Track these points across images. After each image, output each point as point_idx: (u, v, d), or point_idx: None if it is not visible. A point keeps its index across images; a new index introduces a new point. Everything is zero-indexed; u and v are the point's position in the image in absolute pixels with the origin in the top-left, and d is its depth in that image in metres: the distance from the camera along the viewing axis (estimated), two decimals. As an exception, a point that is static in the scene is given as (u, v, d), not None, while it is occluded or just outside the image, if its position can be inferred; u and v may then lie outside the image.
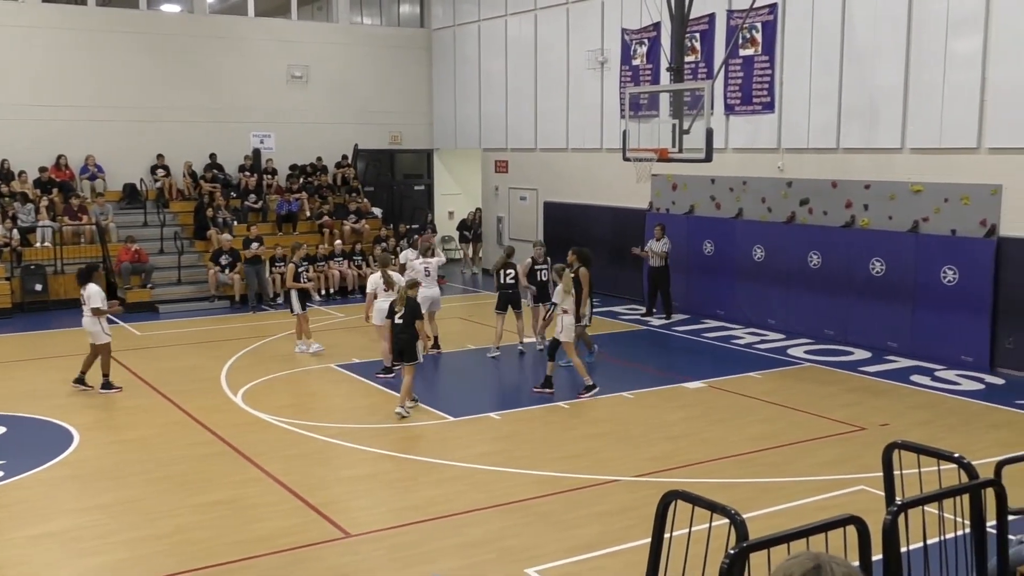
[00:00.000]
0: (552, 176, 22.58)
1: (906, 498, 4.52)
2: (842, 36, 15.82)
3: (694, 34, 17.76)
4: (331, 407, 12.66)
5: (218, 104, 23.87)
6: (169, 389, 13.25)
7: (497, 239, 24.73)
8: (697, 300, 18.61)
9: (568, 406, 12.32)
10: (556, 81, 22.08)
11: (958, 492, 4.73)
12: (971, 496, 4.80)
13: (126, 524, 8.46)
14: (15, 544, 8.11)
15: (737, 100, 17.51)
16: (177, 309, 19.77)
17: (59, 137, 22.06)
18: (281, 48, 24.61)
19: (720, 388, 13.13)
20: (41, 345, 16.73)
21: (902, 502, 4.43)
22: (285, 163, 24.72)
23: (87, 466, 10.08)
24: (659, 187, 19.47)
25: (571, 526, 8.28)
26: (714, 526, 4.20)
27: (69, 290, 19.93)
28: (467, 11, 25.04)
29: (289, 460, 10.15)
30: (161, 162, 23.19)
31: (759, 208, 17.46)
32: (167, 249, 21.39)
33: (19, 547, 8.05)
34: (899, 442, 5.26)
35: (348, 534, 8.16)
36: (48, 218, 20.73)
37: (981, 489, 4.81)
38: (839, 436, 10.90)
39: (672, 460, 10.05)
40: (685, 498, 4.33)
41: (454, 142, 26.23)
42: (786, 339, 16.34)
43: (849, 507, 7.24)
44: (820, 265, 16.35)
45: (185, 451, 10.54)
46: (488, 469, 9.81)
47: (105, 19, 22.82)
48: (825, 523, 4.05)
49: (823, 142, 16.31)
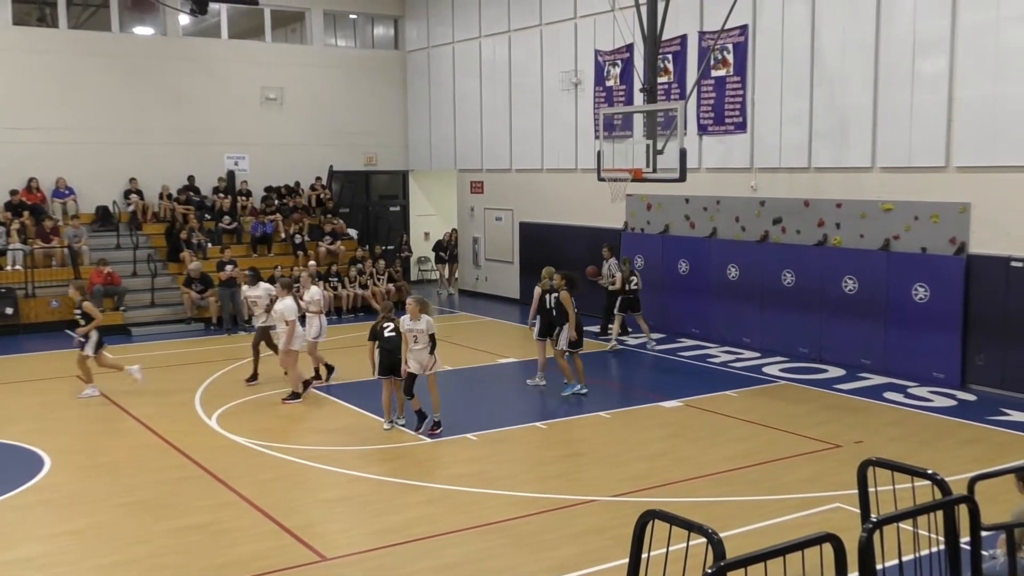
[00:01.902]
0: (527, 196, 22.61)
1: (881, 515, 4.55)
2: (812, 57, 15.95)
3: (667, 55, 17.85)
4: (307, 429, 12.54)
5: (192, 126, 23.77)
6: (142, 412, 13.10)
7: (473, 259, 24.73)
8: (673, 319, 18.63)
9: (546, 426, 12.28)
10: (531, 102, 22.13)
11: (932, 508, 4.75)
12: (945, 512, 4.85)
13: (97, 550, 8.33)
14: None
15: (710, 120, 17.62)
16: (150, 332, 19.59)
17: (30, 160, 21.88)
18: (255, 70, 24.57)
19: (696, 407, 13.13)
20: (11, 369, 16.47)
21: (877, 519, 4.46)
22: (260, 185, 24.63)
23: (58, 491, 9.92)
24: (634, 207, 19.52)
25: (549, 547, 8.23)
26: (691, 545, 4.22)
27: (40, 313, 19.84)
28: (441, 33, 25.10)
29: (264, 483, 10.05)
30: (134, 186, 23.05)
31: (733, 227, 17.53)
32: (140, 272, 21.20)
33: None
34: (873, 459, 5.28)
35: (324, 558, 8.08)
36: (19, 241, 20.50)
37: (955, 505, 4.85)
38: (814, 454, 10.89)
39: (649, 479, 10.03)
40: (663, 518, 4.33)
41: (429, 163, 26.23)
42: (761, 357, 16.38)
43: (825, 525, 7.25)
44: (793, 283, 16.44)
45: (158, 475, 10.40)
46: (465, 490, 9.75)
47: (77, 42, 22.70)
48: (801, 541, 4.07)
49: (795, 161, 16.40)
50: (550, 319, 13.88)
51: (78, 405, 13.75)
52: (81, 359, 14.11)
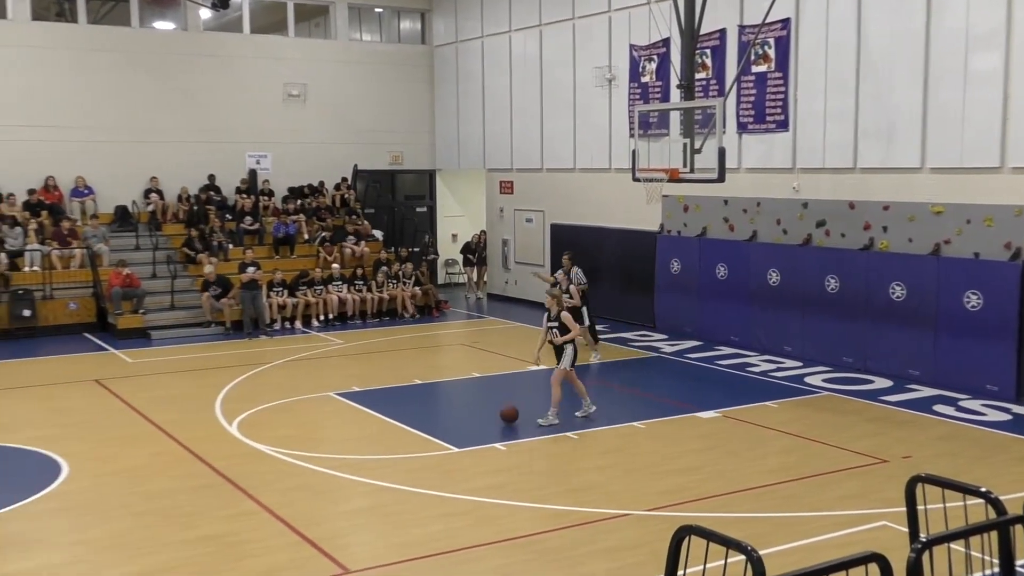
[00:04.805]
0: (559, 197, 22.25)
1: (931, 534, 4.40)
2: (858, 52, 15.54)
3: (705, 50, 17.48)
4: (330, 437, 12.38)
5: (212, 124, 23.49)
6: (161, 418, 12.92)
7: (503, 262, 24.38)
8: (710, 326, 18.22)
9: (576, 436, 11.98)
10: (562, 99, 21.80)
11: (986, 528, 4.67)
12: (999, 533, 4.71)
13: (113, 559, 8.23)
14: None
15: (750, 118, 17.19)
16: (170, 335, 19.29)
17: (48, 158, 21.64)
18: (277, 66, 24.28)
19: (735, 418, 12.79)
20: (29, 373, 16.33)
21: (927, 539, 4.33)
22: (282, 184, 24.36)
23: (75, 498, 9.89)
24: (670, 208, 19.12)
25: (579, 563, 8.02)
26: (730, 563, 4.02)
27: (58, 316, 19.67)
28: (470, 27, 24.77)
29: (285, 492, 9.90)
30: (155, 185, 22.80)
31: (774, 230, 17.10)
32: (159, 273, 20.93)
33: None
34: (923, 475, 5.13)
35: (347, 570, 7.90)
36: (37, 241, 20.29)
37: (1010, 525, 4.71)
38: (859, 468, 10.59)
39: (685, 493, 9.79)
40: (699, 533, 4.18)
41: (457, 162, 25.91)
42: (803, 367, 15.97)
43: (871, 543, 7.12)
44: (838, 289, 15.94)
45: (177, 483, 10.28)
46: (492, 502, 9.54)
47: (96, 37, 22.45)
48: (846, 560, 3.94)
49: (840, 162, 15.98)
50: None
51: (96, 410, 13.60)
52: None
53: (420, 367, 14.99)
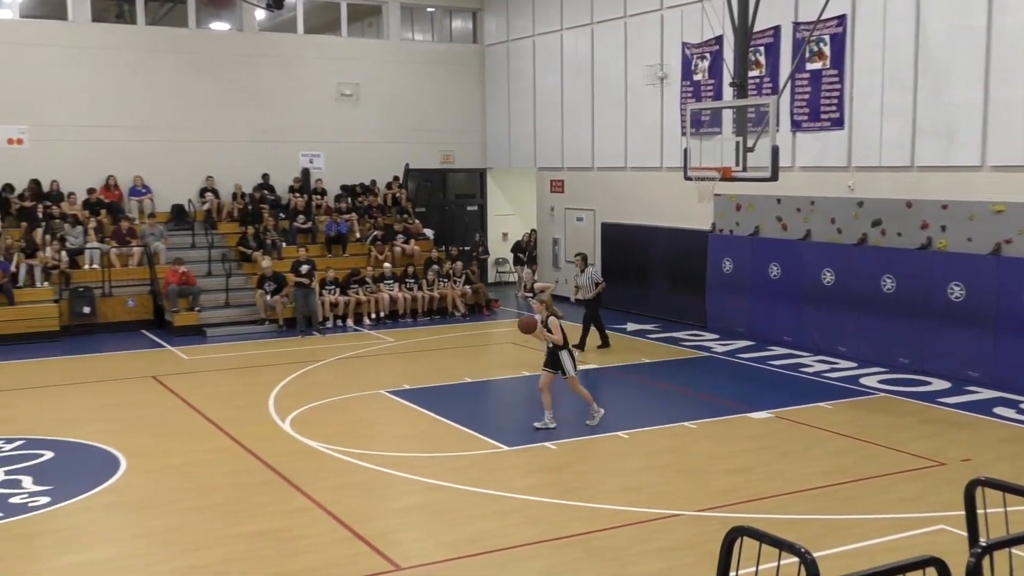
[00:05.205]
0: (610, 196, 22.13)
1: (991, 539, 4.21)
2: (916, 48, 15.24)
3: (758, 47, 17.26)
4: (381, 435, 12.39)
5: (267, 123, 23.72)
6: (216, 415, 13.06)
7: (553, 262, 24.31)
8: (762, 326, 18.01)
9: (627, 436, 11.89)
10: (614, 97, 21.67)
11: None
12: None
13: (170, 554, 8.33)
14: (58, 572, 8.06)
15: (804, 116, 16.95)
16: (224, 333, 19.50)
17: (108, 158, 22.01)
18: (331, 66, 24.44)
19: (788, 419, 12.61)
20: (88, 369, 16.60)
21: (987, 543, 4.13)
22: (335, 183, 24.52)
23: (133, 493, 10.03)
24: (722, 207, 18.92)
25: (630, 562, 7.97)
26: (783, 565, 3.90)
27: (117, 313, 20.00)
28: (521, 26, 24.74)
29: (338, 489, 9.96)
30: (211, 184, 23.09)
31: (828, 229, 16.85)
32: (215, 271, 21.18)
33: (62, 575, 8.02)
34: (982, 479, 4.92)
35: (398, 567, 7.92)
36: (97, 240, 20.66)
37: None
38: (916, 471, 10.40)
39: (737, 494, 9.68)
40: (752, 535, 4.02)
41: (508, 161, 25.90)
42: (858, 367, 15.71)
43: (928, 547, 6.84)
44: (894, 289, 15.66)
45: (231, 479, 10.40)
46: (543, 501, 9.50)
47: (154, 38, 22.79)
48: (903, 564, 3.79)
49: (896, 160, 15.69)
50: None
51: (153, 406, 13.79)
52: None
53: (470, 365, 15.00)
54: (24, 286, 19.36)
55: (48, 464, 10.93)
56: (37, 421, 12.83)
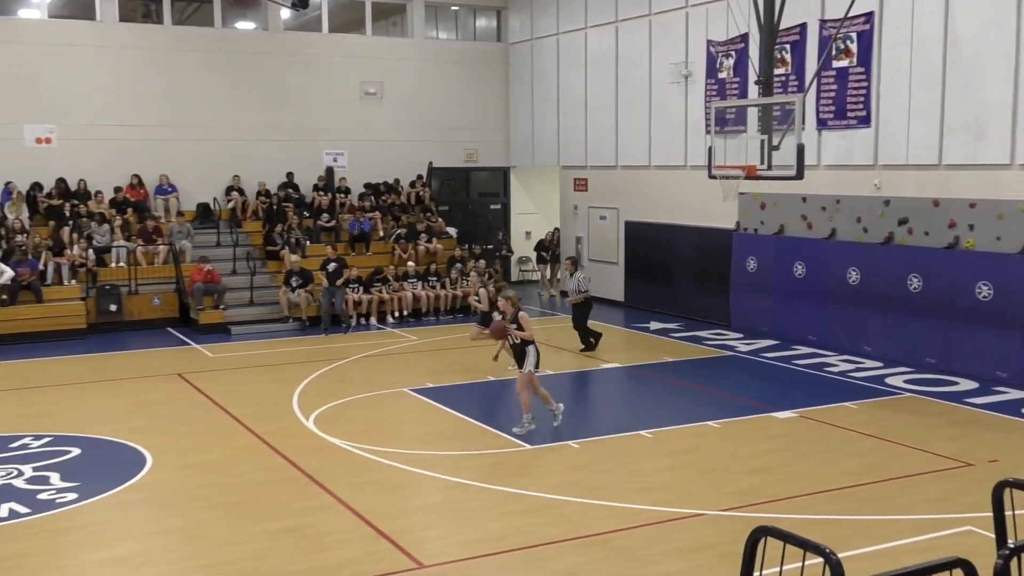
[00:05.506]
0: (634, 194, 22.04)
1: (1020, 541, 4.17)
2: (944, 46, 15.08)
3: (784, 45, 17.11)
4: (405, 433, 12.42)
5: (291, 122, 23.80)
6: (240, 412, 13.10)
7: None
8: (787, 325, 17.89)
9: (650, 435, 11.82)
10: (638, 96, 21.58)
11: None
12: None
13: (193, 550, 8.38)
14: (85, 568, 8.14)
15: (830, 114, 16.80)
16: (249, 331, 19.58)
17: (134, 157, 22.16)
18: (355, 64, 24.49)
19: (812, 418, 12.50)
20: (115, 366, 16.70)
21: (1016, 545, 4.09)
22: (358, 181, 24.57)
23: (158, 489, 10.08)
24: (746, 206, 18.81)
25: (653, 561, 7.93)
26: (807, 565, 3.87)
27: (143, 311, 20.12)
28: (545, 25, 24.69)
29: (361, 487, 9.96)
30: (237, 183, 23.20)
31: (854, 228, 16.70)
32: (239, 270, 21.28)
33: (89, 571, 8.10)
34: (1011, 480, 4.85)
35: (421, 565, 7.93)
36: (123, 238, 20.81)
37: None
38: (943, 472, 10.27)
39: (760, 494, 9.59)
40: (775, 535, 4.00)
41: (531, 159, 25.86)
42: (884, 367, 15.56)
43: (955, 549, 6.81)
44: (921, 289, 15.51)
45: (255, 476, 10.42)
46: (566, 500, 9.46)
47: (179, 38, 22.92)
48: (929, 565, 3.76)
49: (924, 158, 15.53)
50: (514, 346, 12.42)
51: (178, 403, 13.86)
52: None
53: (493, 364, 14.94)
54: (52, 284, 19.54)
55: (75, 461, 11.00)
56: (65, 418, 12.92)
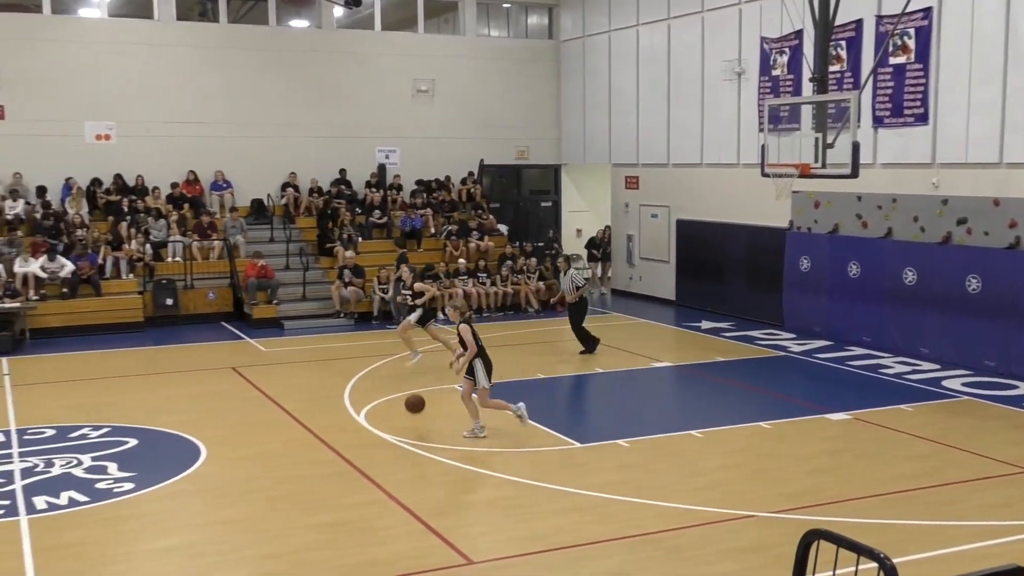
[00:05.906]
0: (685, 193, 21.92)
1: None
2: (1005, 41, 14.81)
3: (839, 42, 16.93)
4: (455, 429, 12.35)
5: (344, 119, 24.00)
6: (293, 406, 13.25)
7: (627, 258, 24.17)
8: (841, 326, 17.66)
9: (701, 435, 11.75)
10: (690, 93, 21.47)
11: None
12: None
13: (246, 541, 8.50)
14: (140, 556, 8.30)
15: (887, 112, 16.56)
16: (302, 326, 19.78)
17: (190, 153, 22.51)
18: (407, 62, 24.64)
19: (866, 421, 12.35)
20: (170, 360, 17.00)
21: None
22: (410, 178, 24.71)
23: (212, 481, 10.23)
24: (800, 204, 18.60)
25: (704, 562, 7.91)
26: (861, 570, 3.82)
27: (198, 305, 20.43)
28: (597, 22, 24.63)
29: (411, 482, 10.04)
30: (293, 180, 23.44)
31: (911, 227, 16.44)
32: (292, 265, 21.52)
33: (144, 560, 8.25)
34: None
35: (471, 561, 7.96)
36: (179, 233, 21.16)
37: None
38: (1003, 477, 10.08)
39: (813, 496, 9.51)
40: (828, 538, 3.98)
41: (582, 157, 25.82)
42: (941, 369, 15.32)
43: (1014, 556, 6.75)
44: (980, 290, 15.22)
45: (307, 469, 10.53)
46: (616, 499, 9.44)
47: (235, 36, 23.24)
48: (987, 573, 3.73)
49: (983, 156, 15.26)
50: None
51: (232, 396, 14.05)
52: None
53: (543, 361, 14.95)
54: (110, 278, 19.90)
55: (132, 451, 11.20)
56: (122, 409, 13.15)
